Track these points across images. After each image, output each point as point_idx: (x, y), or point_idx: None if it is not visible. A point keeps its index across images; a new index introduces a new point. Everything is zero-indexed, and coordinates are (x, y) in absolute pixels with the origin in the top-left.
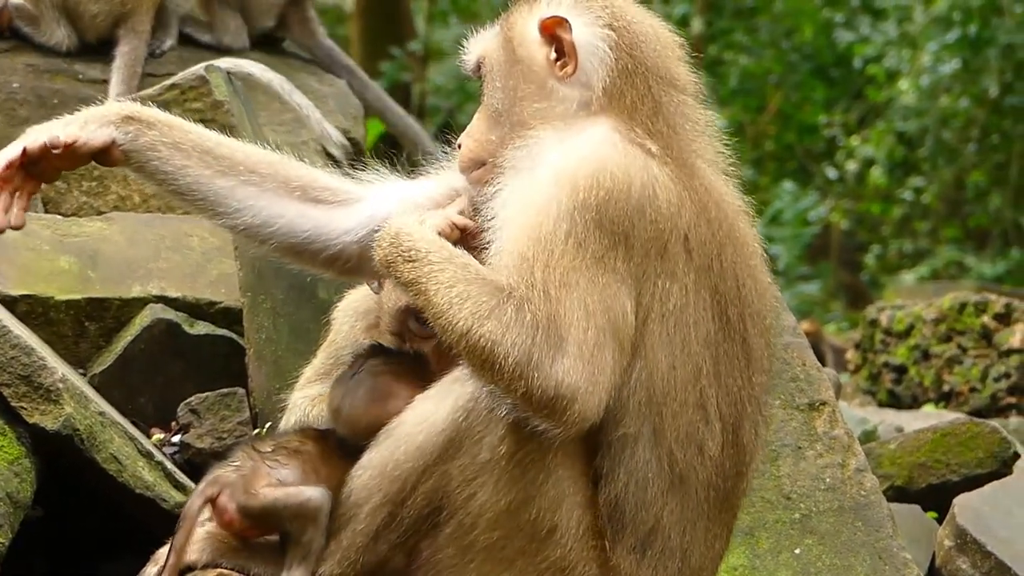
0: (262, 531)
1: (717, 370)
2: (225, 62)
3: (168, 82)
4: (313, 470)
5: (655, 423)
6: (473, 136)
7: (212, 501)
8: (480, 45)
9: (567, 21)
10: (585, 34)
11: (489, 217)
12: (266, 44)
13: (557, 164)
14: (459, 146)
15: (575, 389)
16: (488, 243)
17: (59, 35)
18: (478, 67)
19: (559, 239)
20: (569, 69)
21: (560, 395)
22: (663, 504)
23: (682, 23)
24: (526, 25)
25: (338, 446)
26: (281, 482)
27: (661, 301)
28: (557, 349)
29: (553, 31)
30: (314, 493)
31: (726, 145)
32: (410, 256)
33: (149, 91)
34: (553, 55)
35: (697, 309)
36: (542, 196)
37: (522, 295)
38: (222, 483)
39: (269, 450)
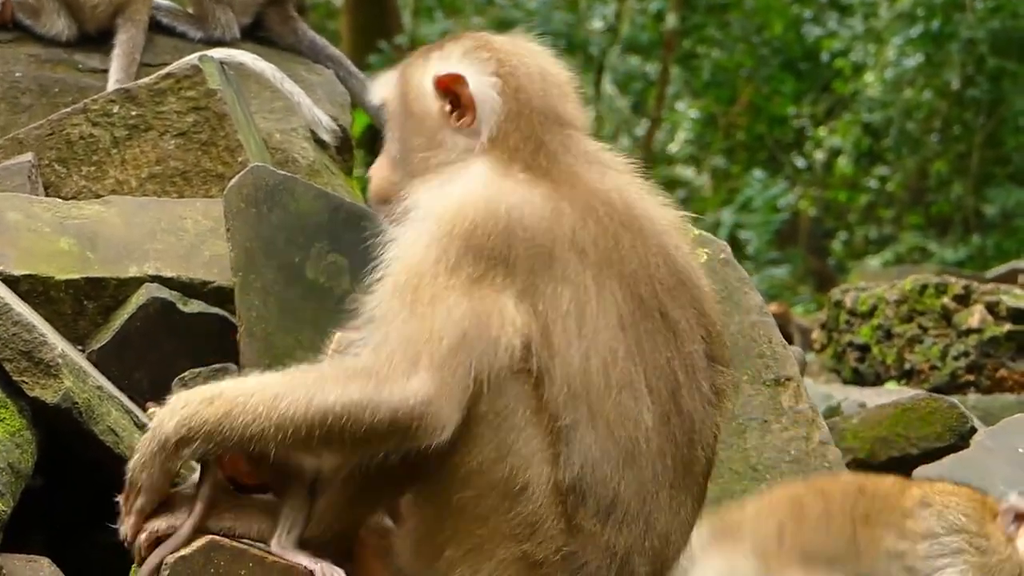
0: (258, 478)
1: (640, 348)
2: (218, 52)
3: (163, 71)
4: None
5: (586, 411)
6: (378, 173)
7: None
8: (382, 89)
9: (463, 76)
10: (479, 85)
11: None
12: (257, 35)
13: (428, 206)
14: (370, 178)
15: (425, 400)
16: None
17: (59, 26)
18: (382, 109)
19: (429, 263)
20: (467, 120)
21: (408, 403)
22: (619, 478)
23: (658, 18)
24: (421, 80)
25: None
26: None
27: (554, 306)
28: (409, 371)
29: (449, 86)
30: (311, 464)
31: (633, 159)
32: (210, 396)
33: (145, 80)
34: (448, 107)
35: (601, 299)
36: (413, 232)
37: (371, 343)
38: None
39: None
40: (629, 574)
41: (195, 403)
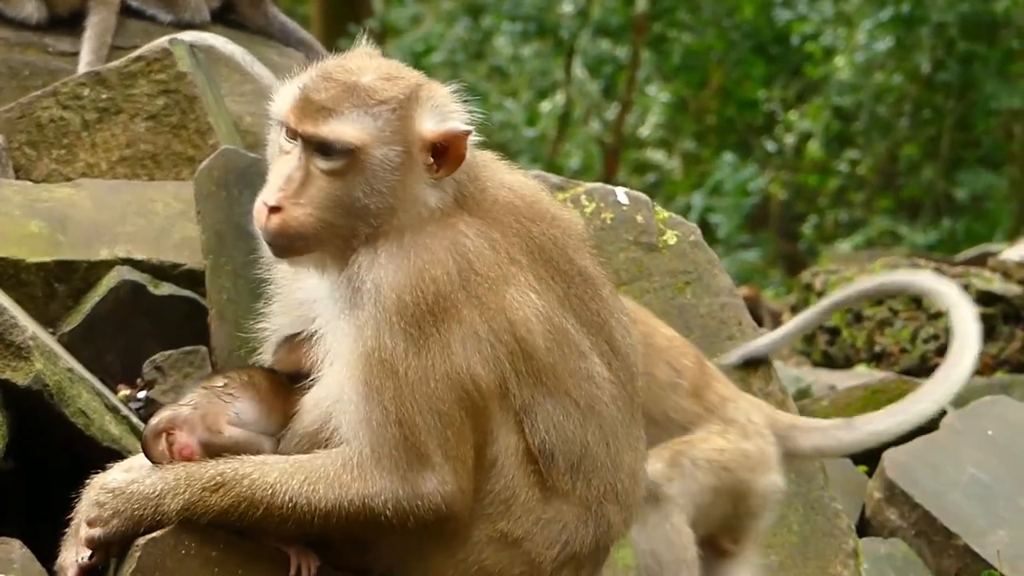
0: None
1: (577, 314)
2: (188, 35)
3: (134, 54)
4: (264, 400)
5: (544, 387)
6: (308, 207)
7: (168, 434)
8: (358, 130)
9: (468, 134)
10: (470, 142)
11: (318, 347)
12: (227, 18)
13: (382, 289)
14: (275, 208)
15: (452, 492)
16: (316, 370)
17: (29, 9)
18: (350, 152)
19: (400, 356)
20: (442, 173)
21: (441, 504)
22: (584, 431)
23: (628, 2)
24: (421, 131)
25: (285, 378)
26: (239, 416)
27: (521, 316)
28: (423, 468)
29: (449, 143)
30: (267, 447)
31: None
32: (215, 484)
33: (116, 63)
34: (430, 160)
35: (543, 291)
36: (372, 323)
37: (372, 442)
38: (180, 420)
39: (221, 385)
40: (606, 525)
41: (197, 488)
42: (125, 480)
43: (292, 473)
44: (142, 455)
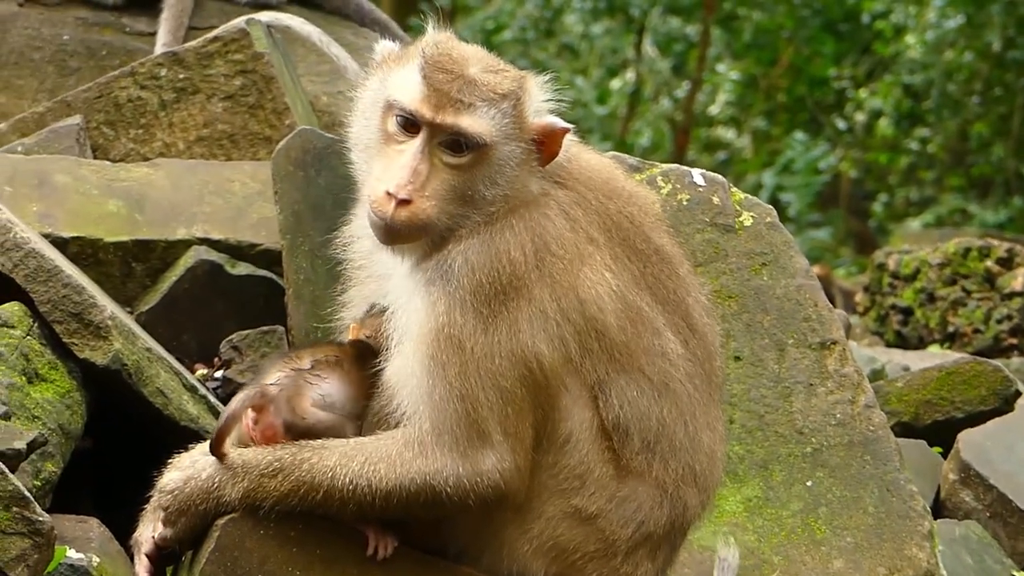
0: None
1: (653, 293)
2: (265, 15)
3: (211, 35)
4: (352, 382)
5: (616, 364)
6: (433, 199)
7: (257, 410)
8: (490, 126)
9: (568, 130)
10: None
11: (392, 325)
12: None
13: (463, 267)
14: (405, 201)
15: (510, 470)
16: (389, 344)
17: None
18: (478, 145)
19: (468, 332)
20: (540, 162)
21: (500, 482)
22: (659, 409)
23: None
24: (526, 123)
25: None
26: (325, 398)
27: (602, 284)
28: (483, 445)
29: (551, 138)
30: (350, 430)
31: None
32: (273, 469)
33: (193, 43)
34: (534, 150)
35: (619, 269)
36: (444, 299)
37: (433, 418)
38: (269, 397)
39: (308, 367)
40: (683, 507)
41: (255, 475)
42: (182, 479)
43: (352, 455)
44: (196, 451)
